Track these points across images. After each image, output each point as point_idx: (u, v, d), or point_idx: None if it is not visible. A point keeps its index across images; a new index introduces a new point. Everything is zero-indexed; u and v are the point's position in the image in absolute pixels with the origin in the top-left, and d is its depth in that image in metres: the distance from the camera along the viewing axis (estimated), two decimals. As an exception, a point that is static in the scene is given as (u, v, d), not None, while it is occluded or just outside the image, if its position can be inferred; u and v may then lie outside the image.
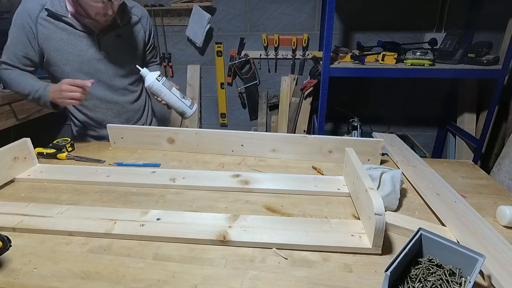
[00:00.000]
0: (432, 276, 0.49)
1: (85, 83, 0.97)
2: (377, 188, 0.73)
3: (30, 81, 1.07)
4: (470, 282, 0.45)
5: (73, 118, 1.23)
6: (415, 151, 1.01)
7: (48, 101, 1.04)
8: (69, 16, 1.03)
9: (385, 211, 0.62)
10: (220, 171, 0.91)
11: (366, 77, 1.80)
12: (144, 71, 1.04)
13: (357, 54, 1.80)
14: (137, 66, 1.05)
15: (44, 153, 1.00)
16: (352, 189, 0.75)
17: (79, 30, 1.05)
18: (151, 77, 1.03)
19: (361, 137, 0.92)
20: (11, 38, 1.04)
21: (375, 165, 0.81)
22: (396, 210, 0.72)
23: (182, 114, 1.10)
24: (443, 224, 0.67)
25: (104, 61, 1.12)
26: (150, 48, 1.28)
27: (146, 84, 1.04)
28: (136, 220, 0.66)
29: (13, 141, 0.87)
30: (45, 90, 1.03)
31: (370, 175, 0.72)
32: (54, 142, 1.04)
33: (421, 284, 0.48)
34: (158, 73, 1.04)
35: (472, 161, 1.02)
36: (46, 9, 1.00)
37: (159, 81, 1.03)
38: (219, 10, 2.22)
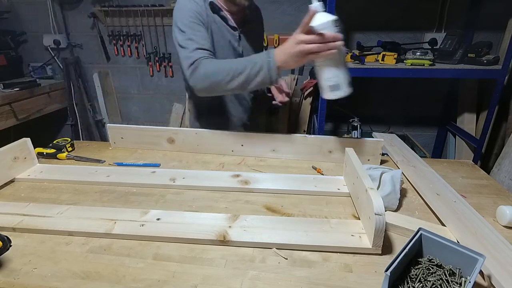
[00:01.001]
0: (432, 276, 0.49)
1: (336, 36, 0.76)
2: (377, 188, 0.73)
3: (235, 60, 0.90)
4: (470, 282, 0.45)
5: (193, 107, 1.19)
6: (415, 151, 1.01)
7: (274, 68, 0.83)
8: (223, 11, 1.03)
9: (385, 211, 0.62)
10: (220, 171, 0.91)
11: (366, 77, 1.79)
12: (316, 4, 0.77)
13: (357, 54, 1.80)
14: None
15: (44, 153, 1.00)
16: (352, 189, 0.75)
17: (228, 25, 1.05)
18: (325, 17, 0.75)
19: (361, 137, 0.92)
20: (191, 30, 0.94)
21: (375, 165, 0.81)
22: (396, 210, 0.72)
23: (333, 87, 0.81)
24: (443, 224, 0.67)
25: (241, 55, 1.10)
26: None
27: (315, 23, 0.75)
28: (136, 220, 0.66)
29: (13, 141, 0.87)
30: (269, 56, 0.83)
31: (370, 175, 0.72)
32: (54, 142, 1.04)
33: (421, 284, 0.48)
34: (335, 17, 0.77)
35: (472, 161, 1.02)
36: (211, 2, 1.00)
37: (336, 26, 0.76)
38: (219, 10, 2.22)
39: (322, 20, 0.76)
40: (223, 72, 0.87)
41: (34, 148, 0.94)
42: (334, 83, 0.80)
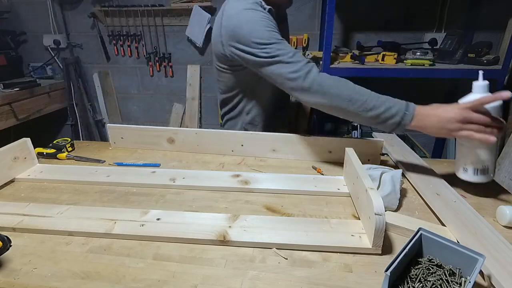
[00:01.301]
0: (432, 276, 0.49)
1: (502, 123, 0.67)
2: (377, 188, 0.73)
3: (367, 90, 0.80)
4: (470, 282, 0.45)
5: (244, 114, 1.12)
6: (415, 151, 1.01)
7: (407, 124, 0.75)
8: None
9: (385, 211, 0.62)
10: (220, 171, 0.91)
11: (366, 77, 1.79)
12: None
13: (357, 54, 1.80)
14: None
15: (44, 153, 1.00)
16: (352, 189, 0.75)
17: (280, 23, 0.98)
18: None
19: (361, 137, 0.92)
20: (277, 40, 0.85)
21: (375, 165, 0.81)
22: (396, 210, 0.72)
23: (482, 172, 0.74)
24: (443, 224, 0.67)
25: None
26: None
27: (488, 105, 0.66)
28: (136, 220, 0.66)
29: (13, 141, 0.87)
30: (408, 109, 0.74)
31: (370, 175, 0.72)
32: (54, 142, 1.04)
33: (421, 284, 0.48)
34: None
35: (472, 161, 1.01)
36: (270, 9, 0.93)
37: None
38: (219, 10, 2.22)
39: (494, 103, 0.67)
40: (346, 96, 0.78)
41: (34, 148, 0.94)
42: (483, 167, 0.73)
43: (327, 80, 0.80)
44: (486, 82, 0.71)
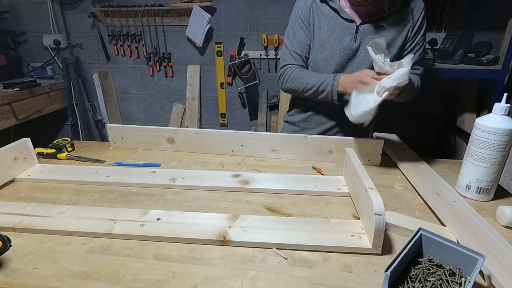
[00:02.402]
0: (432, 276, 0.49)
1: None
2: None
3: (313, 75, 1.01)
4: (470, 282, 0.45)
5: (292, 116, 1.18)
6: (415, 151, 1.01)
7: (335, 90, 0.95)
8: (337, 1, 1.00)
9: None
10: (220, 171, 0.91)
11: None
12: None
13: (357, 54, 1.80)
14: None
15: (44, 153, 1.00)
16: (352, 189, 0.75)
17: (341, 17, 0.99)
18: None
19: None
20: (292, 30, 1.05)
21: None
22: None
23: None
24: (443, 224, 0.67)
25: (356, 53, 1.01)
26: (410, 48, 1.07)
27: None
28: (136, 220, 0.66)
29: (13, 141, 0.87)
30: (334, 79, 0.96)
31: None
32: (54, 142, 1.04)
33: (421, 284, 0.48)
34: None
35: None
36: None
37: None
38: (219, 10, 2.22)
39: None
40: (298, 84, 1.03)
41: (34, 148, 0.94)
42: (486, 186, 0.77)
43: (291, 73, 1.05)
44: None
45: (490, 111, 0.73)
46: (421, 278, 0.49)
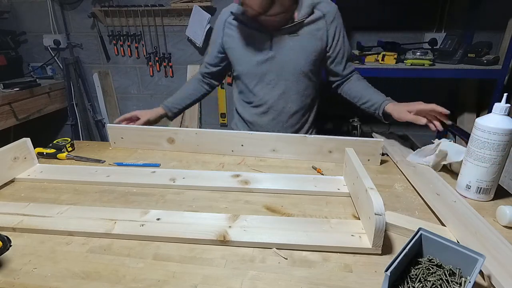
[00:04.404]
0: (432, 276, 0.49)
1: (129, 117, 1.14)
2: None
3: (183, 88, 1.29)
4: (470, 282, 0.45)
5: (241, 117, 1.25)
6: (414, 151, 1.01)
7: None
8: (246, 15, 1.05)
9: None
10: (220, 171, 0.91)
11: (366, 77, 1.79)
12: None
13: (357, 54, 1.80)
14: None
15: (44, 153, 1.00)
16: (352, 189, 0.75)
17: (255, 29, 1.06)
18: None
19: (361, 137, 0.93)
20: (210, 42, 1.21)
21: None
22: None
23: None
24: (443, 224, 0.67)
25: (273, 62, 1.07)
26: (335, 54, 1.11)
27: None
28: (136, 220, 0.66)
29: (13, 141, 0.87)
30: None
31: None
32: (54, 142, 1.04)
33: (421, 284, 0.48)
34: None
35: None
36: (231, 12, 1.09)
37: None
38: (219, 10, 2.22)
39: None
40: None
41: (34, 148, 0.94)
42: (486, 187, 0.76)
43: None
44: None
45: (490, 111, 0.73)
46: (421, 278, 0.49)
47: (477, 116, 2.04)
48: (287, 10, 1.01)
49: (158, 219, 0.67)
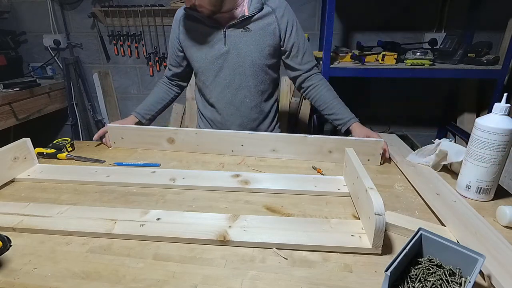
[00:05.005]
0: (432, 276, 0.49)
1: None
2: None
3: (153, 94, 1.31)
4: (470, 282, 0.45)
5: (202, 115, 1.27)
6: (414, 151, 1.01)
7: None
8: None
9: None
10: (220, 171, 0.91)
11: (366, 77, 1.80)
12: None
13: (357, 54, 1.80)
14: None
15: (44, 153, 1.00)
16: (352, 189, 0.75)
17: (207, 26, 1.07)
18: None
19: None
20: (169, 43, 1.19)
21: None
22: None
23: None
24: (443, 224, 0.67)
25: (227, 57, 1.09)
26: (290, 48, 1.12)
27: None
28: (136, 220, 0.66)
29: (13, 141, 0.87)
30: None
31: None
32: (54, 142, 1.04)
33: (421, 284, 0.48)
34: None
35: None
36: (184, 10, 1.09)
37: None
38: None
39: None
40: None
41: (34, 148, 0.94)
42: (486, 187, 0.76)
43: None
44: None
45: (490, 111, 0.73)
46: (421, 278, 0.49)
47: (477, 116, 2.04)
48: (238, 5, 1.05)
49: (158, 219, 0.67)
